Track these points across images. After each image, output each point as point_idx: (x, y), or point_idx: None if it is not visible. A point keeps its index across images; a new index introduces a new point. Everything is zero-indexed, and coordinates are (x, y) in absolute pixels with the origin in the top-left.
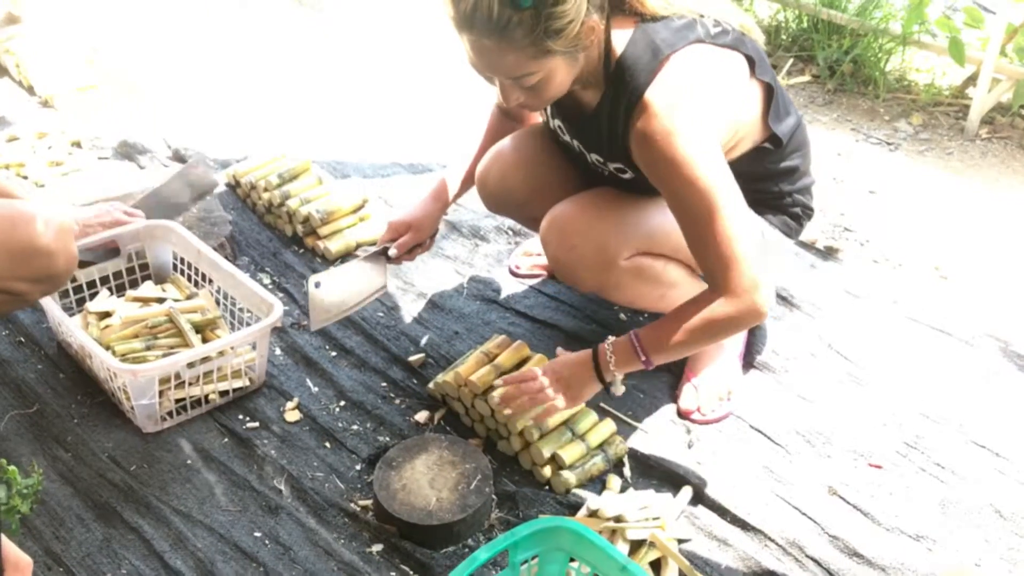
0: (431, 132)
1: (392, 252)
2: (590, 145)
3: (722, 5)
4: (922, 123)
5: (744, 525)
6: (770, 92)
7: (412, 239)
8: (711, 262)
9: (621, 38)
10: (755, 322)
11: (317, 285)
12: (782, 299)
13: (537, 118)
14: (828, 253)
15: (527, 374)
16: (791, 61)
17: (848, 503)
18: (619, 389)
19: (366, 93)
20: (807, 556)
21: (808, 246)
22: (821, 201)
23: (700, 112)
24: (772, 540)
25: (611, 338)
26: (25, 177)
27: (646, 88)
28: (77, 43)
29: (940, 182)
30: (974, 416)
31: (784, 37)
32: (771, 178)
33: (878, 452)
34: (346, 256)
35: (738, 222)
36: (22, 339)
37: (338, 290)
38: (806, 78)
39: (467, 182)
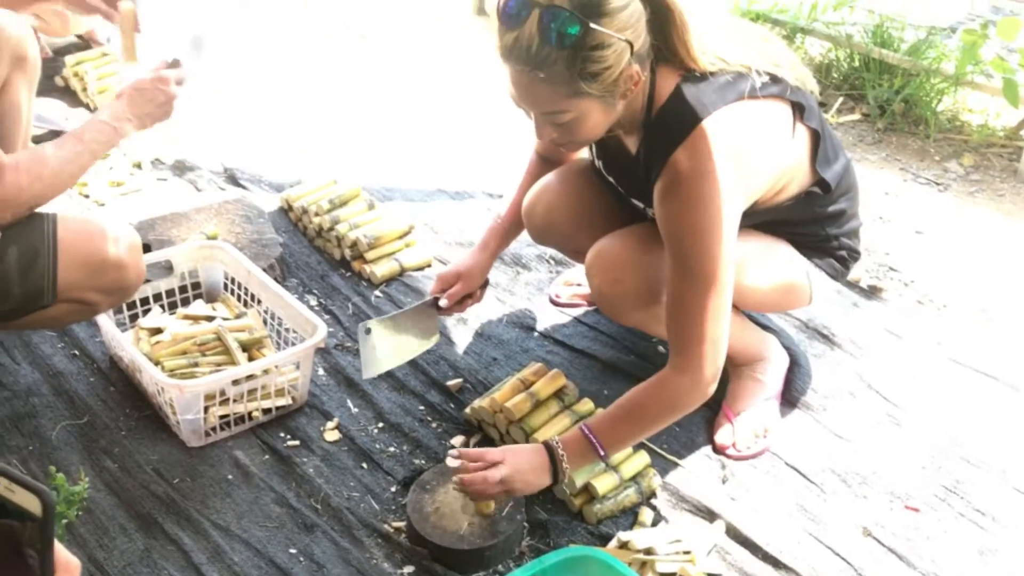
0: (475, 161)
1: (443, 302)
2: (629, 190)
3: (780, 57)
4: (973, 164)
5: (775, 563)
6: (817, 137)
7: (462, 289)
8: (687, 333)
9: (666, 90)
10: (697, 404)
11: (368, 331)
12: (823, 337)
13: (576, 156)
14: (872, 292)
15: (486, 473)
16: (841, 99)
17: (883, 545)
18: (571, 487)
19: (414, 121)
20: None
21: (851, 285)
22: (866, 240)
23: (724, 181)
24: None
25: (556, 439)
26: (87, 196)
27: (676, 148)
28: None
29: (990, 224)
30: (1017, 462)
31: (835, 75)
32: (818, 222)
33: (916, 495)
34: (390, 281)
35: (727, 303)
36: (76, 352)
37: (390, 338)
38: (856, 116)
39: (513, 230)
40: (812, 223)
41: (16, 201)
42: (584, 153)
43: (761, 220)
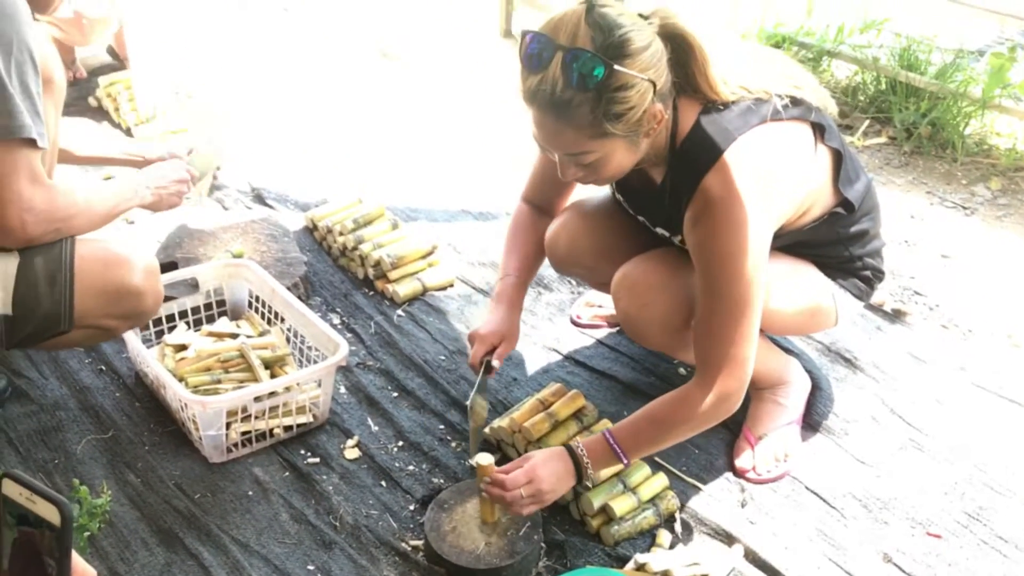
0: (499, 181)
1: (496, 363)
2: (655, 220)
3: (800, 80)
4: (1001, 188)
5: None
6: (839, 157)
7: (507, 349)
8: (716, 355)
9: (688, 121)
10: (721, 419)
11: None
12: (845, 360)
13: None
14: (896, 316)
15: (507, 484)
16: (867, 122)
17: (904, 572)
18: (587, 506)
19: (439, 141)
20: None
21: (875, 309)
22: (891, 264)
23: (754, 205)
24: None
25: (577, 440)
26: None
27: (704, 174)
28: (172, 88)
29: (1017, 248)
30: None
31: (861, 98)
32: (842, 242)
33: (938, 521)
34: (413, 300)
35: (756, 324)
36: (103, 367)
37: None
38: (882, 140)
39: (528, 280)
40: (836, 244)
41: (56, 218)
42: (589, 190)
43: (787, 242)
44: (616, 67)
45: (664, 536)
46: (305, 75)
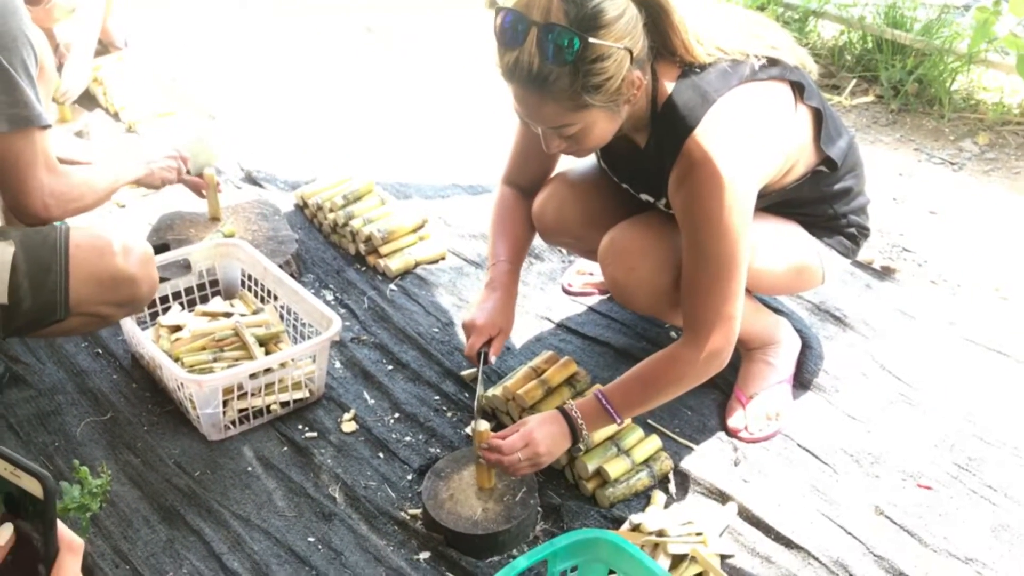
0: (490, 154)
1: (492, 359)
2: (638, 186)
3: (775, 40)
4: (988, 143)
5: (788, 543)
6: (819, 116)
7: (503, 340)
8: (703, 313)
9: (668, 85)
10: (711, 375)
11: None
12: (835, 319)
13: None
14: (884, 273)
15: (504, 448)
16: (854, 81)
17: (895, 524)
18: (587, 444)
19: (429, 118)
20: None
21: (864, 266)
22: (879, 221)
23: (737, 164)
24: (816, 559)
25: (570, 402)
26: None
27: (687, 136)
28: (159, 72)
29: (1005, 202)
30: None
31: (848, 58)
32: (826, 200)
33: (928, 473)
34: (405, 274)
35: (742, 283)
36: (100, 351)
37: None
38: (869, 98)
39: (519, 264)
40: (820, 202)
41: (70, 199)
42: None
43: (771, 202)
44: (591, 39)
45: (659, 497)
46: (291, 53)
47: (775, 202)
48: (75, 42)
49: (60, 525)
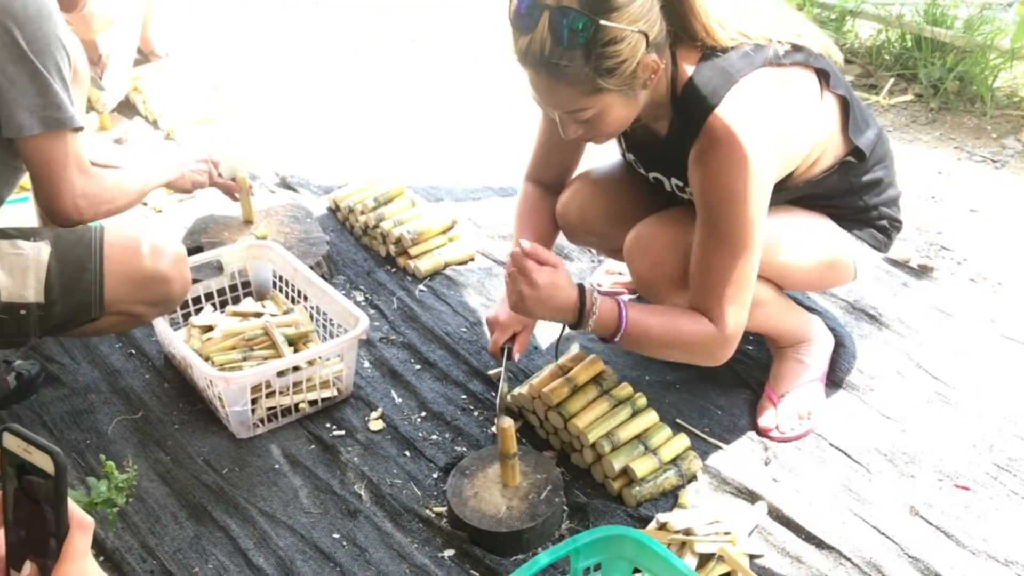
0: (520, 157)
1: (516, 357)
2: (667, 171)
3: (799, 28)
4: None
5: (819, 543)
6: (846, 105)
7: (527, 336)
8: (711, 296)
9: (688, 69)
10: (710, 364)
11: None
12: (870, 317)
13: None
14: (922, 272)
15: (529, 274)
16: (892, 80)
17: (931, 524)
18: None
19: (461, 123)
20: None
21: (901, 264)
22: (918, 220)
23: (758, 145)
24: (848, 559)
25: (597, 292)
26: (145, 203)
27: (709, 113)
28: (198, 80)
29: None
30: None
31: (887, 57)
32: (855, 192)
33: (966, 473)
34: (434, 275)
35: (755, 265)
36: (133, 351)
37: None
38: (908, 97)
39: None
40: (849, 194)
41: (102, 201)
42: (600, 158)
43: (798, 195)
44: (603, 21)
45: (687, 496)
46: (333, 63)
47: (803, 194)
48: (114, 51)
49: (71, 503)
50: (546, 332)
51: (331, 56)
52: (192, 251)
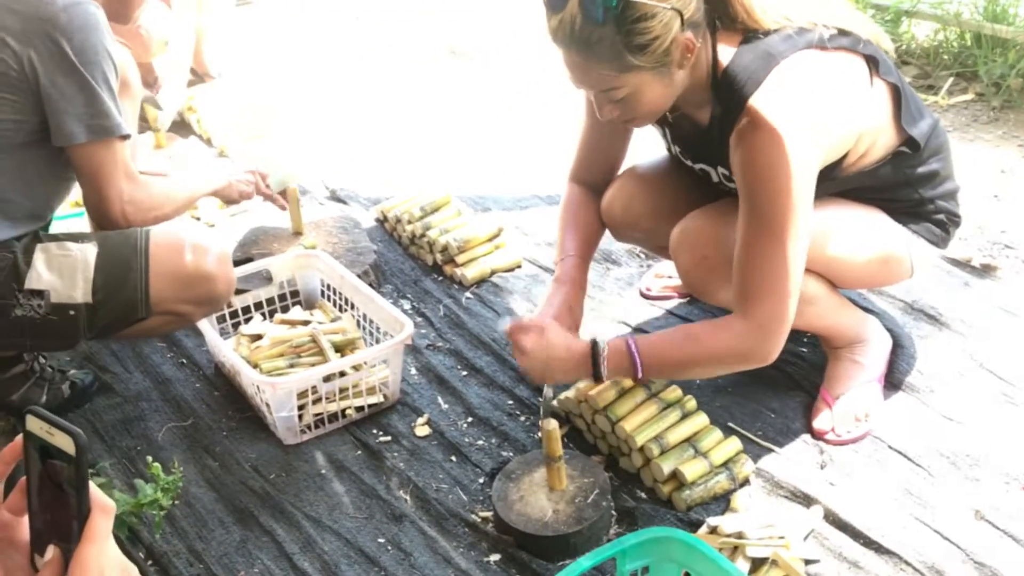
0: (568, 164)
1: None
2: (712, 160)
3: (844, 14)
4: None
5: (878, 548)
6: (898, 93)
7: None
8: (755, 285)
9: (729, 52)
10: (757, 365)
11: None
12: (929, 317)
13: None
14: (984, 271)
15: (517, 344)
16: (951, 80)
17: (997, 528)
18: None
19: (508, 134)
20: None
21: (962, 264)
22: (980, 218)
23: (802, 127)
24: (909, 564)
25: (603, 340)
26: (198, 219)
27: (752, 94)
28: (250, 98)
29: None
30: None
31: (945, 57)
32: (911, 184)
33: None
34: (481, 283)
35: (799, 254)
36: (184, 360)
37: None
38: (968, 97)
39: (588, 261)
40: (904, 186)
41: (149, 208)
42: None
43: (850, 186)
44: None
45: (739, 500)
46: (377, 78)
47: (855, 186)
48: (167, 71)
49: (92, 487)
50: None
51: (375, 70)
52: (242, 262)
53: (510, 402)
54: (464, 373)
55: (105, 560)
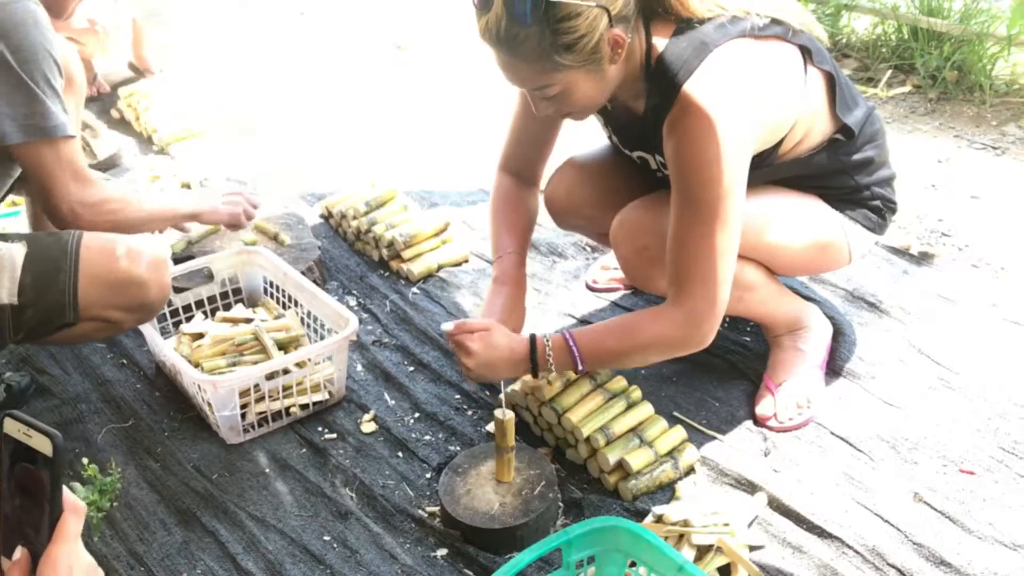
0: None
1: None
2: (649, 148)
3: (778, 3)
4: None
5: (821, 532)
6: (832, 81)
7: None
8: (688, 270)
9: (662, 42)
10: (694, 350)
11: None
12: (869, 305)
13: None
14: (923, 259)
15: (463, 346)
16: (890, 72)
17: (936, 510)
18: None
19: (454, 127)
20: (888, 564)
21: (901, 252)
22: (918, 207)
23: (733, 114)
24: (850, 547)
25: (545, 335)
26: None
27: (684, 82)
28: (190, 94)
29: None
30: None
31: (884, 50)
32: (846, 171)
33: (971, 458)
34: (428, 277)
35: (731, 240)
36: (124, 361)
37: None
38: (907, 88)
39: (525, 257)
40: (840, 173)
41: (100, 210)
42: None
43: (786, 174)
44: None
45: (684, 489)
46: (322, 73)
47: (791, 174)
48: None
49: (65, 490)
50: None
51: (319, 65)
52: (182, 260)
53: (457, 397)
54: (411, 369)
55: (75, 560)
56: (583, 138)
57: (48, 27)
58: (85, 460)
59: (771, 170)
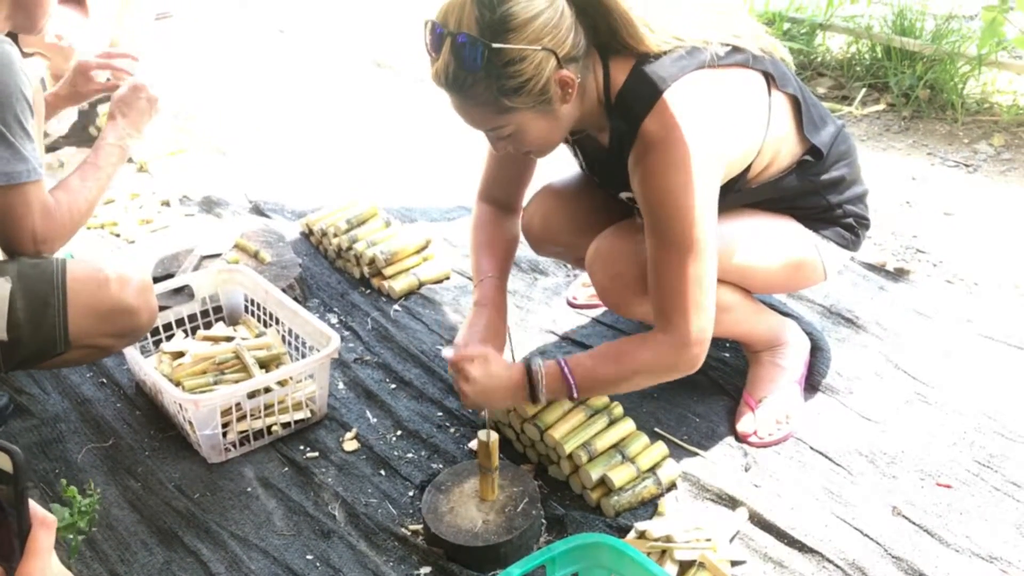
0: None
1: None
2: (617, 185)
3: (738, 27)
4: (1004, 143)
5: (802, 547)
6: (797, 104)
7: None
8: (669, 301)
9: (621, 77)
10: (685, 374)
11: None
12: (846, 320)
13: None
14: (898, 275)
15: (463, 372)
16: (864, 91)
17: (914, 524)
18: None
19: (434, 145)
20: None
21: (877, 268)
22: (892, 225)
23: (697, 143)
24: (831, 562)
25: (539, 361)
26: (118, 235)
27: (642, 120)
28: (169, 112)
29: (1022, 201)
30: None
31: (858, 68)
32: (817, 191)
33: (948, 472)
34: (409, 295)
35: (709, 267)
36: (104, 380)
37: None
38: (880, 107)
39: (506, 282)
40: (811, 194)
41: (63, 236)
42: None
43: (758, 198)
44: (495, 45)
45: (666, 505)
46: (301, 90)
47: (763, 197)
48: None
49: (32, 503)
50: (524, 348)
51: (299, 83)
52: (163, 278)
53: (439, 414)
54: (393, 386)
55: (49, 573)
56: (564, 161)
57: (20, 66)
58: (64, 481)
59: (741, 195)
